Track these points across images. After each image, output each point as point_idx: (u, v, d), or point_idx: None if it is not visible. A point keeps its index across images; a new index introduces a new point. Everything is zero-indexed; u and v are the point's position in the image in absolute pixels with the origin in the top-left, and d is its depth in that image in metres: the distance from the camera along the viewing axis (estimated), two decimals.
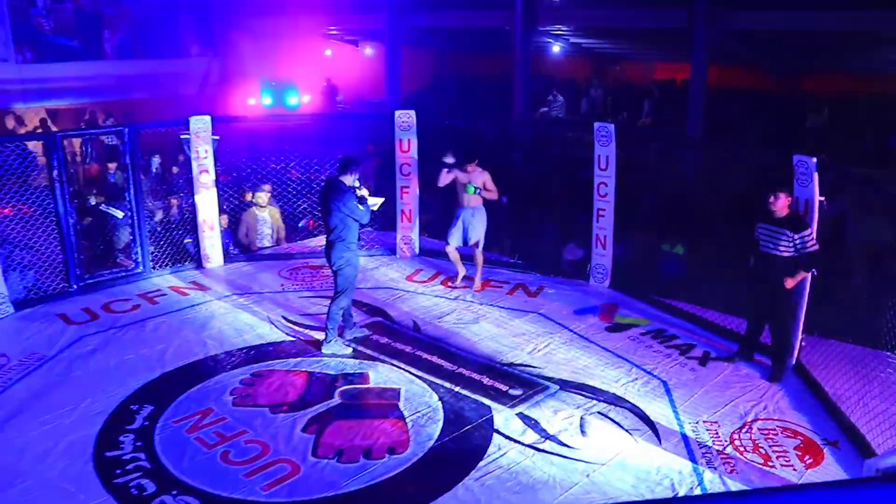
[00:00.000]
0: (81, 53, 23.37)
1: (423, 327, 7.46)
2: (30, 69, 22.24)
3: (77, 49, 23.34)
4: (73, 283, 8.46)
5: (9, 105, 21.63)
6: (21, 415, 5.92)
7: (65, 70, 22.60)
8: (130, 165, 8.70)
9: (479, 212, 8.27)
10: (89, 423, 5.78)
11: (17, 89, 21.82)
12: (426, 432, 5.57)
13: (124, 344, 7.22)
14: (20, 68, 22.08)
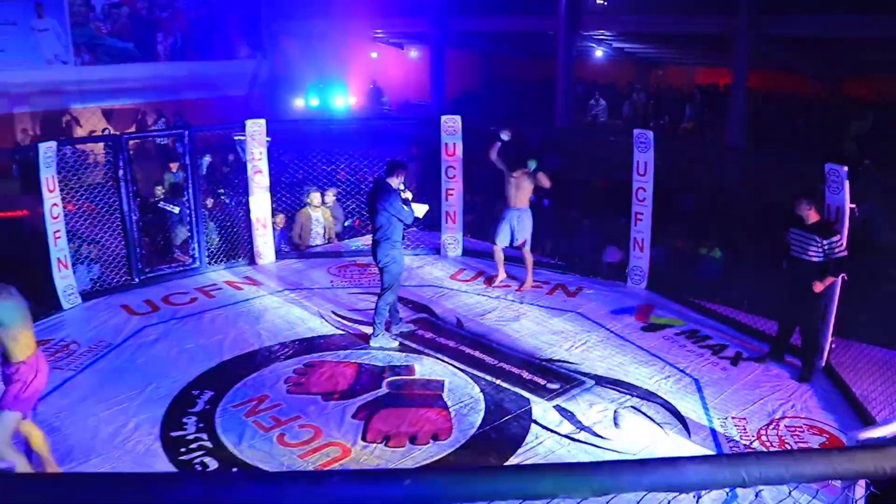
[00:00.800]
0: (136, 55, 24.14)
1: (465, 324, 7.83)
2: (87, 71, 23.04)
3: (131, 51, 24.10)
4: (135, 277, 8.98)
5: (68, 105, 22.43)
6: (92, 396, 6.41)
7: (120, 71, 23.37)
8: (189, 166, 9.19)
9: (526, 213, 8.63)
10: (155, 406, 6.24)
11: (76, 90, 22.62)
12: (468, 421, 5.93)
13: (184, 334, 7.70)
14: (79, 70, 22.90)
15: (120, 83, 22.93)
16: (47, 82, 21.88)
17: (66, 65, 22.91)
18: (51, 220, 8.22)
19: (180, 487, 1.92)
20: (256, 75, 24.82)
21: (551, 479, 1.93)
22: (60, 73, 22.52)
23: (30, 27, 22.23)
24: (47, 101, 22.15)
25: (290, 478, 1.92)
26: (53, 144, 8.26)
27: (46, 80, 21.90)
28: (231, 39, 25.52)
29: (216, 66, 24.52)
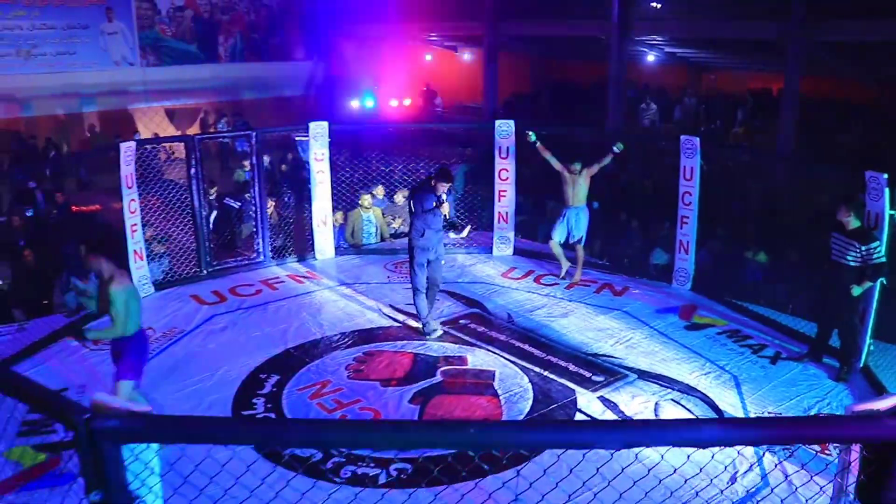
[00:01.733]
0: (198, 57, 24.96)
1: (516, 319, 8.24)
2: (152, 72, 23.91)
3: (194, 53, 24.94)
4: (203, 269, 9.58)
5: (133, 105, 23.33)
6: (168, 378, 6.97)
7: (182, 72, 24.23)
8: (256, 165, 9.75)
9: (584, 211, 9.06)
10: (226, 387, 6.78)
11: (141, 90, 23.52)
12: (517, 408, 6.35)
13: (250, 323, 8.24)
14: (144, 71, 23.79)
15: (182, 84, 23.78)
16: (114, 83, 22.81)
17: (132, 66, 23.83)
18: (129, 215, 8.83)
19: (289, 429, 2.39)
20: (313, 77, 25.49)
21: (589, 433, 2.35)
22: (127, 74, 23.44)
23: (100, 31, 23.17)
24: (114, 100, 23.07)
25: (377, 425, 2.36)
26: (133, 144, 8.88)
27: (114, 80, 22.83)
28: (289, 42, 26.26)
29: (274, 68, 25.26)
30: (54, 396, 2.58)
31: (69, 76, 22.09)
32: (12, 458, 5.75)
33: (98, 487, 2.42)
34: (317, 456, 5.69)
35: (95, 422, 2.37)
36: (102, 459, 2.39)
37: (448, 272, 9.61)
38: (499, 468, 5.44)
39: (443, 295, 8.82)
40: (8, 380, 2.82)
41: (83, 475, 2.47)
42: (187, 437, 2.41)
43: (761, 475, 5.52)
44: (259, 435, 2.36)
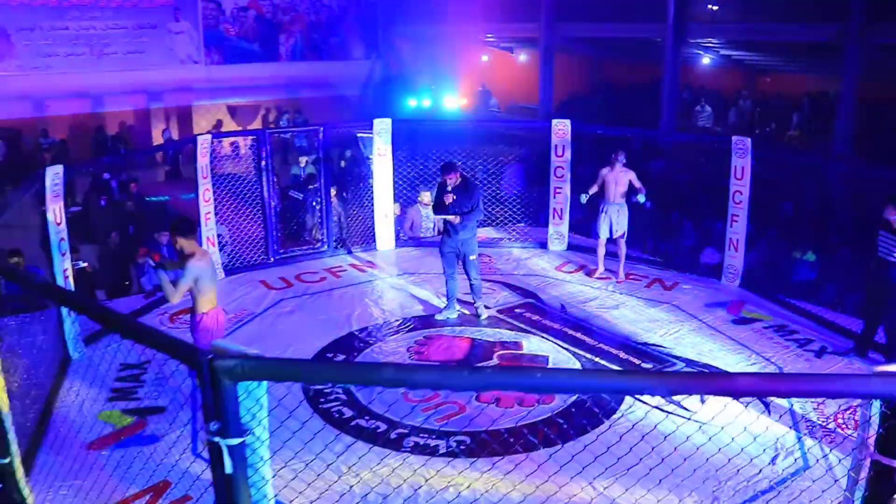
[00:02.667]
0: (259, 56, 25.68)
1: (569, 309, 8.61)
2: (216, 70, 24.69)
3: (256, 52, 25.65)
4: (270, 256, 10.13)
5: (197, 102, 24.14)
6: None
7: (245, 71, 24.96)
8: (322, 159, 10.26)
9: (623, 207, 9.36)
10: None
11: (205, 87, 24.30)
12: None
13: (316, 307, 8.74)
14: (208, 69, 24.58)
15: (244, 81, 24.49)
16: (180, 80, 23.61)
17: (197, 64, 24.63)
18: (203, 203, 9.40)
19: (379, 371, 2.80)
20: (371, 76, 26.04)
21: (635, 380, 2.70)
22: (192, 71, 24.25)
23: (167, 30, 24.00)
24: (179, 97, 23.89)
25: (457, 369, 2.77)
26: (209, 137, 9.44)
27: (179, 78, 23.63)
28: (347, 41, 26.85)
29: (333, 67, 25.88)
30: (179, 342, 3.03)
31: (138, 74, 22.96)
32: (104, 419, 6.30)
33: (216, 418, 2.87)
34: (381, 427, 6.13)
35: (217, 361, 2.82)
36: (221, 394, 2.84)
37: (504, 265, 10.03)
38: (548, 443, 5.84)
39: (499, 285, 9.25)
40: (139, 330, 3.29)
41: (203, 408, 2.92)
42: (294, 376, 2.85)
43: (802, 457, 5.80)
44: (354, 375, 2.77)
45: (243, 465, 2.96)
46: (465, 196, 8.03)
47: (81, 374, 6.98)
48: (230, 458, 2.89)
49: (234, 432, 2.89)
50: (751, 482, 5.42)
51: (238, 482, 2.95)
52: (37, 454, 5.85)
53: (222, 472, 2.93)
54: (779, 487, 5.41)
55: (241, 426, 2.92)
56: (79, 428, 6.02)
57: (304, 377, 2.83)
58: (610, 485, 5.09)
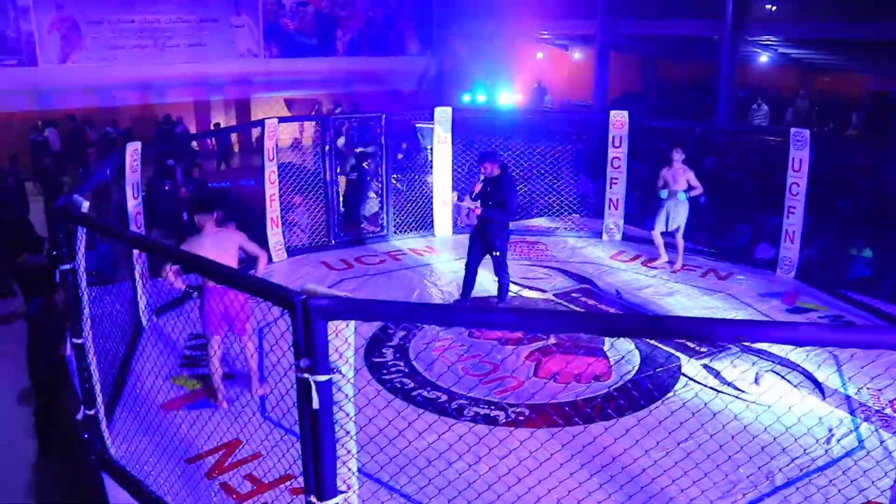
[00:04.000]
0: (317, 50, 26.11)
1: (624, 295, 8.73)
2: (274, 63, 25.17)
3: (313, 46, 26.09)
4: (332, 239, 10.42)
5: (255, 94, 24.64)
6: None
7: (302, 64, 25.43)
8: (384, 146, 10.50)
9: (683, 202, 9.42)
10: (359, 339, 7.47)
11: (263, 80, 24.81)
12: (625, 369, 6.86)
13: (376, 288, 9.00)
14: (267, 62, 25.08)
15: (302, 75, 24.97)
16: (239, 73, 24.14)
17: (256, 57, 25.15)
18: (268, 185, 9.71)
19: (461, 313, 3.00)
20: (426, 71, 26.30)
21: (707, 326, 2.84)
22: (251, 65, 24.78)
23: (228, 23, 24.54)
24: (238, 90, 24.41)
25: (531, 312, 2.95)
26: (275, 120, 9.74)
27: (239, 70, 24.17)
28: (403, 37, 27.16)
29: (388, 62, 26.23)
30: (274, 284, 3.27)
31: (199, 66, 23.53)
32: (177, 383, 6.61)
33: (307, 356, 3.10)
34: (442, 398, 6.34)
35: (311, 301, 3.04)
36: (312, 332, 3.07)
37: (559, 252, 10.19)
38: (605, 417, 5.99)
39: (555, 271, 9.40)
40: (232, 275, 3.53)
41: (294, 345, 3.15)
42: (381, 316, 3.05)
43: (857, 440, 5.86)
44: (435, 316, 2.97)
45: (329, 402, 3.18)
46: (495, 189, 7.88)
47: (153, 342, 7.31)
48: (318, 394, 3.12)
49: (323, 369, 3.12)
50: (803, 461, 5.50)
51: (324, 418, 3.17)
52: (114, 411, 6.17)
53: (309, 407, 3.15)
54: (832, 467, 5.49)
55: (328, 364, 3.14)
56: (152, 390, 6.33)
57: (393, 316, 3.03)
58: (662, 457, 5.22)
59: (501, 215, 7.88)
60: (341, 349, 3.17)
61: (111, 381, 6.55)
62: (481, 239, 8.08)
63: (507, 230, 8.08)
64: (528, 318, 2.85)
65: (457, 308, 3.44)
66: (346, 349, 3.18)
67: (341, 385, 3.23)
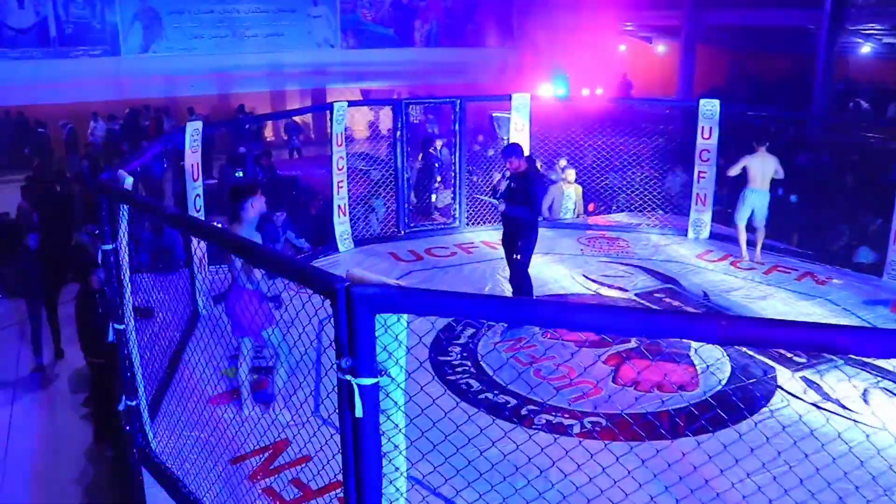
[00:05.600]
0: (394, 41, 25.81)
1: (711, 297, 8.02)
2: (351, 54, 24.96)
3: (391, 37, 25.80)
4: (401, 229, 9.97)
5: (330, 85, 24.44)
6: None
7: (379, 56, 25.16)
8: (458, 133, 9.99)
9: (766, 195, 8.82)
10: (423, 334, 6.99)
11: (339, 71, 24.62)
12: (713, 379, 6.19)
13: (445, 281, 8.50)
14: (343, 53, 24.90)
15: (378, 66, 24.69)
16: (315, 63, 24.01)
17: (332, 48, 25.00)
18: (336, 171, 9.31)
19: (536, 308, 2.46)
20: (505, 64, 25.71)
21: (842, 334, 2.23)
22: (327, 55, 24.64)
23: (306, 14, 24.42)
24: (313, 80, 24.25)
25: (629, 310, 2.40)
26: (345, 104, 9.33)
27: (315, 61, 24.03)
28: (483, 28, 26.64)
29: (467, 54, 25.74)
30: (315, 268, 2.78)
31: (276, 56, 23.48)
32: (228, 375, 6.23)
33: (349, 354, 2.60)
34: (511, 402, 5.81)
35: (355, 289, 2.54)
36: (356, 326, 2.57)
37: (641, 249, 9.53)
38: (688, 432, 5.34)
39: (637, 269, 8.75)
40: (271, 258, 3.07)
41: (336, 341, 2.66)
42: (439, 310, 2.54)
43: None
44: (505, 312, 2.45)
45: (375, 410, 2.69)
46: (521, 185, 7.18)
47: (210, 330, 6.94)
48: (361, 401, 2.62)
49: (368, 371, 2.62)
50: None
51: (367, 428, 2.68)
52: (161, 402, 5.82)
53: (352, 415, 2.66)
54: None
55: (375, 365, 2.65)
56: (202, 381, 5.96)
57: (453, 311, 2.51)
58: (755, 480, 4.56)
59: (528, 213, 7.24)
60: (391, 348, 2.67)
61: (162, 371, 6.23)
62: (508, 240, 7.49)
63: (534, 231, 7.40)
64: (623, 317, 2.30)
65: (534, 303, 2.85)
66: (397, 348, 2.68)
67: (390, 390, 2.73)
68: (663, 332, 2.37)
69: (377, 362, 2.64)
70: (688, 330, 2.27)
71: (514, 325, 6.75)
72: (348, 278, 2.65)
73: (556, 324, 2.40)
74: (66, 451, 7.58)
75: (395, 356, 2.68)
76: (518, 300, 2.49)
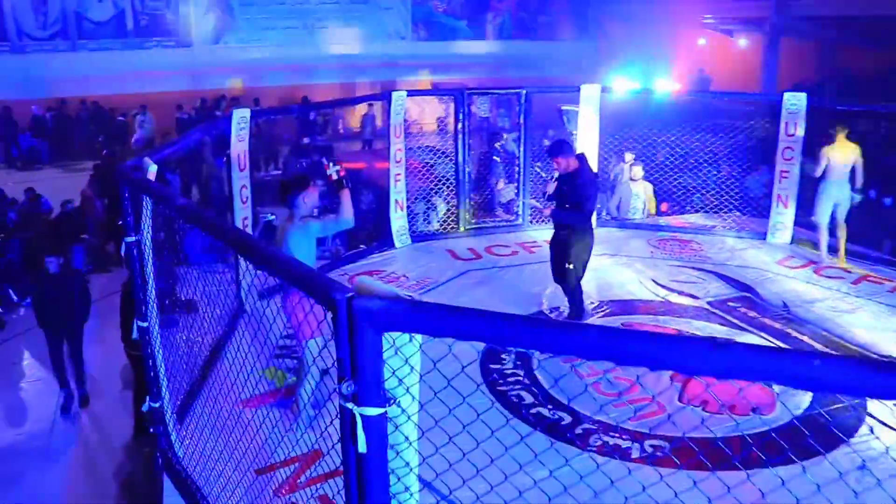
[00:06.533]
0: (466, 33, 25.38)
1: (792, 308, 7.33)
2: (422, 46, 24.62)
3: (462, 29, 25.38)
4: (461, 226, 9.51)
5: (401, 77, 24.11)
6: None
7: (450, 48, 24.76)
8: (524, 125, 9.49)
9: (847, 185, 8.20)
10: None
11: (410, 63, 24.29)
12: (794, 401, 5.56)
13: (504, 282, 8.02)
14: (414, 45, 24.59)
15: (449, 59, 24.31)
16: (386, 55, 23.75)
17: (403, 40, 24.69)
18: (394, 164, 8.92)
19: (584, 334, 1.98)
20: (580, 58, 24.99)
21: None
22: (398, 47, 24.38)
23: (377, 5, 24.18)
24: (383, 72, 23.97)
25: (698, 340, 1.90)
26: (403, 93, 8.92)
27: (385, 53, 23.78)
28: (557, 21, 26.00)
29: (540, 47, 25.16)
30: (315, 273, 2.35)
31: (346, 48, 23.30)
32: (266, 375, 5.88)
33: (352, 378, 2.17)
34: (566, 419, 5.31)
35: (359, 301, 2.10)
36: (359, 345, 2.13)
37: (716, 254, 8.88)
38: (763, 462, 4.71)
39: (710, 275, 8.11)
40: (270, 257, 2.66)
41: (338, 362, 2.22)
42: (456, 331, 2.08)
43: None
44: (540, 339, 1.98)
45: (382, 445, 2.24)
46: (571, 187, 6.45)
47: (253, 327, 6.61)
48: (365, 434, 2.19)
49: (374, 399, 2.18)
50: None
51: (372, 466, 2.23)
52: (193, 403, 5.50)
53: (354, 450, 2.23)
54: None
55: (383, 392, 2.20)
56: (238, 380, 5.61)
57: (472, 333, 2.05)
58: None
59: (578, 218, 6.54)
60: (402, 372, 2.22)
61: (201, 366, 5.93)
62: (556, 246, 6.80)
63: (588, 237, 6.71)
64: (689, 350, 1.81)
65: (578, 326, 2.35)
66: (408, 374, 2.23)
67: (401, 422, 2.29)
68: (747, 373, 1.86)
69: (384, 389, 2.20)
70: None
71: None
72: (356, 288, 2.21)
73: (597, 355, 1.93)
74: (108, 443, 7.40)
75: (407, 383, 2.23)
76: (555, 325, 2.00)
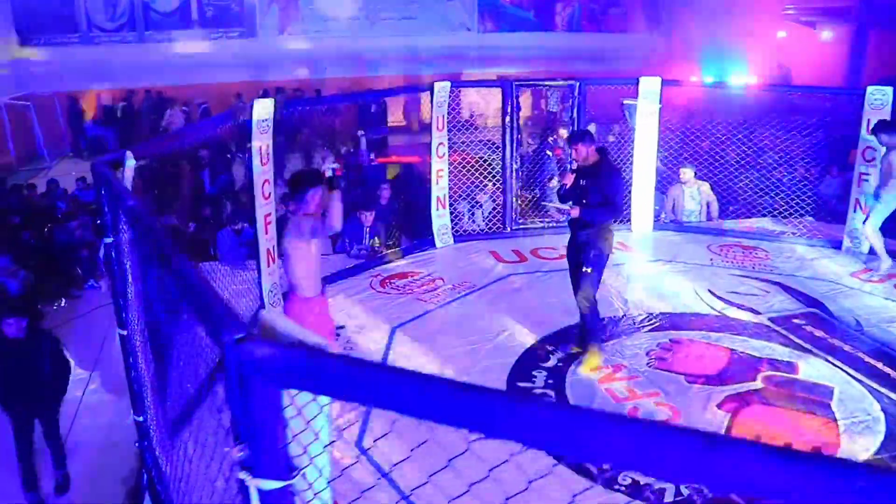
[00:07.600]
0: (534, 25, 24.75)
1: (866, 328, 6.54)
2: (488, 38, 24.10)
3: (530, 21, 24.75)
4: (507, 226, 8.97)
5: (466, 70, 23.61)
6: (449, 332, 6.50)
7: (517, 40, 24.18)
8: (575, 119, 8.88)
9: None
10: (506, 353, 6.06)
11: (474, 55, 23.77)
12: (861, 442, 4.85)
13: (548, 288, 7.43)
14: (480, 37, 24.07)
15: (516, 51, 23.72)
16: (451, 47, 23.26)
17: (468, 31, 24.20)
18: (436, 159, 8.42)
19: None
20: (652, 51, 24.09)
21: None
22: (463, 39, 23.88)
23: None
24: (448, 64, 23.44)
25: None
26: (447, 84, 8.40)
27: (450, 45, 23.29)
28: (629, 12, 25.16)
29: (611, 39, 24.38)
30: (214, 303, 1.84)
31: (410, 40, 22.91)
32: None
33: (244, 439, 1.66)
34: None
35: (247, 346, 1.59)
36: (252, 402, 1.62)
37: (783, 263, 8.08)
38: None
39: (775, 287, 7.36)
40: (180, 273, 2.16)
41: (231, 422, 1.72)
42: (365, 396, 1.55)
43: None
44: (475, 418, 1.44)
45: None
46: (592, 181, 5.71)
47: None
48: None
49: (270, 470, 1.66)
50: None
51: None
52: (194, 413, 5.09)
53: None
54: None
55: (284, 458, 1.69)
56: None
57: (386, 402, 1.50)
58: None
59: (603, 217, 5.77)
60: (304, 438, 1.70)
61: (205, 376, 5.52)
62: (574, 250, 6.06)
63: (610, 238, 5.89)
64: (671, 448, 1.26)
65: (523, 402, 1.73)
66: (313, 441, 1.71)
67: (308, 498, 1.77)
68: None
69: (287, 456, 1.69)
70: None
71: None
72: (258, 326, 1.71)
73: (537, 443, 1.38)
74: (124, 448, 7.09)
75: (312, 450, 1.71)
76: (501, 398, 1.40)
